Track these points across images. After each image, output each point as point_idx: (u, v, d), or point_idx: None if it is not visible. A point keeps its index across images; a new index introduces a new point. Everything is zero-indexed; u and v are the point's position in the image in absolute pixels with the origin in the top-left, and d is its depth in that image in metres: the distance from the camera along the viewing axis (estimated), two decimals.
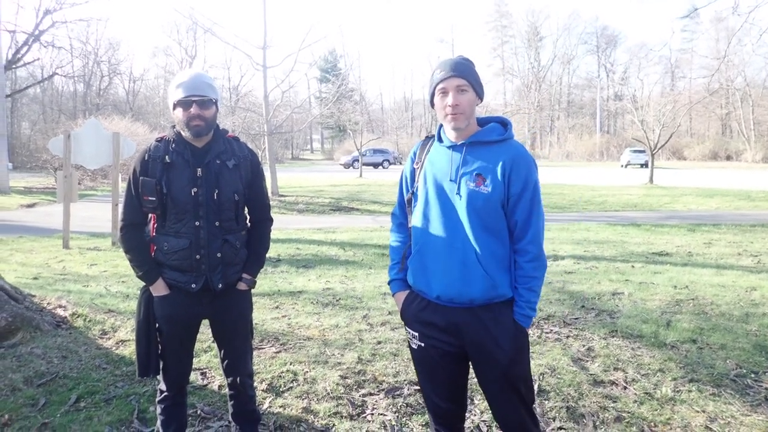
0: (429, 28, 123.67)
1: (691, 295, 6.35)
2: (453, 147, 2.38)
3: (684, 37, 69.03)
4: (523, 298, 2.33)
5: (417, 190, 2.46)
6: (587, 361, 4.42)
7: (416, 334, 2.47)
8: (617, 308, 5.87)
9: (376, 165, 48.61)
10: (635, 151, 45.24)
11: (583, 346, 4.74)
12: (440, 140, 2.45)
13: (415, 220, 2.45)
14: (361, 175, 33.95)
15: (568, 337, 4.98)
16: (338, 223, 14.63)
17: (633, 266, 8.25)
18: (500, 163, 2.29)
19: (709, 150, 58.18)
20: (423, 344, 2.45)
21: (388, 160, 50.01)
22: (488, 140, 2.35)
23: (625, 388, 3.94)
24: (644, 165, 41.10)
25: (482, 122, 2.44)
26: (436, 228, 2.36)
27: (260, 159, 3.42)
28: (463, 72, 2.32)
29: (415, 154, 2.56)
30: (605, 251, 9.67)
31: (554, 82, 77.12)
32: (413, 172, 2.52)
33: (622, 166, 47.13)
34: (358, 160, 38.89)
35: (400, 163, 53.13)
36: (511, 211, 2.32)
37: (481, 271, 2.28)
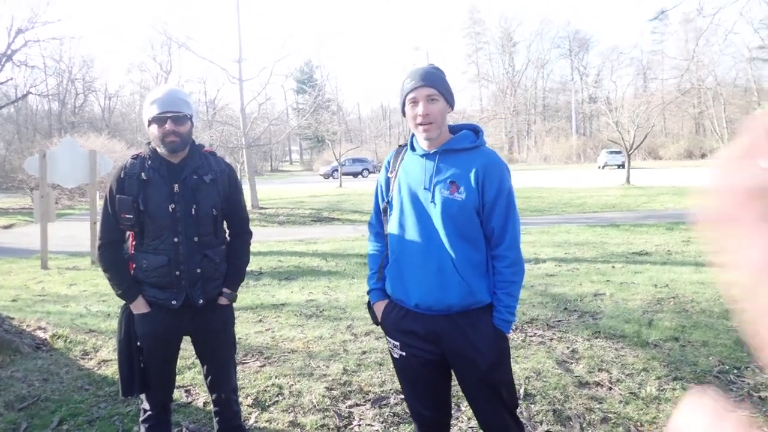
0: (404, 36, 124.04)
1: (672, 294, 6.42)
2: (426, 155, 2.39)
3: (654, 39, 70.16)
4: (503, 303, 2.33)
5: (392, 199, 2.47)
6: (572, 363, 4.44)
7: (397, 343, 2.46)
8: (599, 309, 5.92)
9: (355, 174, 48.58)
10: (612, 153, 45.66)
11: (567, 348, 4.77)
12: (413, 149, 2.46)
13: (391, 228, 2.45)
14: (340, 185, 33.90)
15: (551, 339, 5.01)
16: (319, 234, 14.58)
17: (614, 267, 8.32)
18: (473, 170, 2.30)
19: (684, 149, 58.98)
20: (404, 353, 2.45)
21: (367, 169, 50.00)
22: (461, 148, 2.36)
23: (611, 388, 3.97)
24: (621, 166, 41.48)
25: (454, 130, 2.45)
26: (412, 236, 2.36)
27: (239, 172, 3.40)
28: (433, 81, 2.32)
29: (389, 163, 2.56)
30: (586, 253, 9.74)
31: (529, 87, 77.81)
32: (388, 181, 2.53)
33: (599, 167, 47.54)
34: (337, 170, 38.85)
35: (379, 172, 53.09)
36: (487, 218, 2.32)
37: (458, 278, 2.28)
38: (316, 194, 28.09)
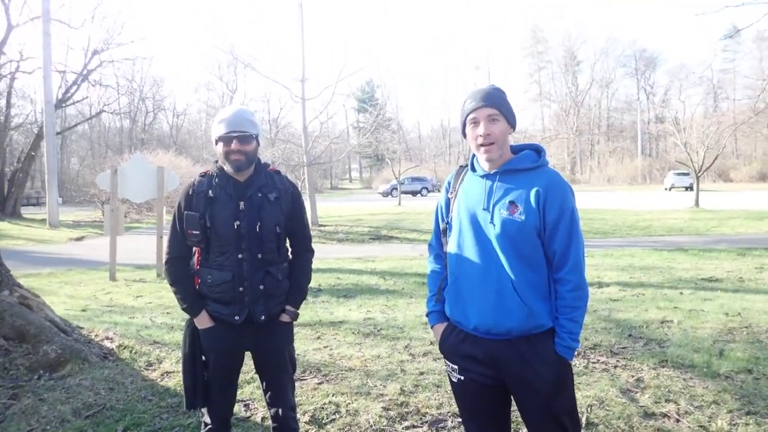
0: (465, 55, 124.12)
1: (745, 323, 6.13)
2: (486, 176, 2.36)
3: (726, 57, 67.83)
4: (565, 329, 2.26)
5: (452, 220, 2.45)
6: (637, 392, 4.29)
7: (455, 367, 2.43)
8: (666, 337, 5.70)
9: (414, 193, 48.65)
10: (679, 174, 44.38)
11: (632, 376, 4.61)
12: (473, 169, 2.44)
13: (450, 249, 2.43)
14: (399, 204, 34.01)
15: (615, 367, 4.85)
16: (378, 252, 14.62)
17: (681, 293, 8.02)
18: (534, 191, 2.26)
19: (757, 171, 56.72)
20: (462, 377, 2.41)
21: (426, 188, 50.01)
22: (522, 168, 2.33)
23: (678, 420, 3.80)
24: (689, 188, 40.29)
25: (516, 150, 2.41)
26: (471, 257, 2.33)
27: (300, 189, 3.45)
28: (494, 102, 2.30)
29: (449, 183, 2.55)
30: (652, 277, 9.43)
31: (593, 106, 76.44)
32: (448, 201, 2.51)
33: (665, 189, 46.27)
34: (396, 189, 39.01)
35: (438, 191, 53.02)
36: (549, 239, 2.27)
37: (518, 300, 2.23)
38: (375, 212, 28.24)
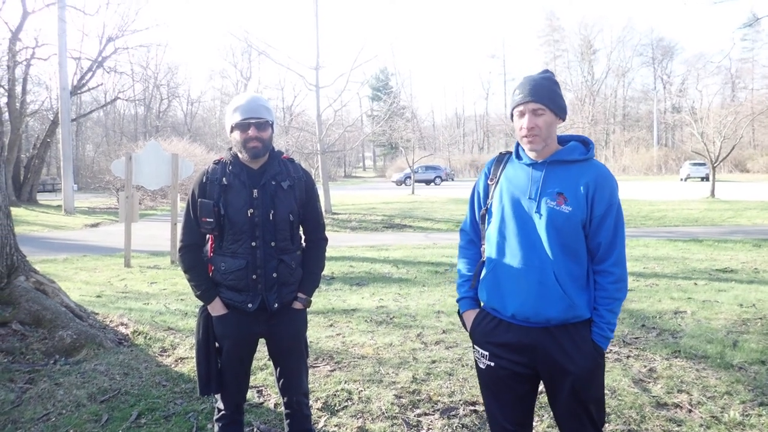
0: (480, 43, 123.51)
1: (759, 314, 6.09)
2: (533, 165, 2.36)
3: (744, 46, 66.82)
4: (604, 320, 2.28)
5: (491, 206, 2.44)
6: (649, 382, 4.28)
7: (486, 353, 2.43)
8: (680, 327, 5.68)
9: (428, 182, 48.58)
10: (695, 164, 43.96)
11: (645, 366, 4.59)
12: (519, 157, 2.43)
13: (490, 236, 2.42)
14: (413, 192, 33.97)
15: (628, 357, 4.84)
16: (391, 241, 14.63)
17: (696, 283, 7.97)
18: (583, 184, 2.27)
19: None
20: (492, 364, 2.41)
21: (440, 177, 49.91)
22: (570, 159, 2.33)
23: (690, 411, 3.79)
24: (705, 178, 39.94)
25: (563, 140, 2.41)
26: (513, 246, 2.33)
27: (314, 177, 3.45)
28: (540, 96, 2.29)
29: (489, 170, 2.53)
30: (666, 268, 9.37)
31: (609, 96, 75.65)
32: (487, 188, 2.50)
33: (681, 179, 45.87)
34: (410, 177, 38.94)
35: (452, 180, 52.88)
36: (594, 232, 2.28)
37: (560, 291, 2.24)
38: (388, 201, 28.23)
